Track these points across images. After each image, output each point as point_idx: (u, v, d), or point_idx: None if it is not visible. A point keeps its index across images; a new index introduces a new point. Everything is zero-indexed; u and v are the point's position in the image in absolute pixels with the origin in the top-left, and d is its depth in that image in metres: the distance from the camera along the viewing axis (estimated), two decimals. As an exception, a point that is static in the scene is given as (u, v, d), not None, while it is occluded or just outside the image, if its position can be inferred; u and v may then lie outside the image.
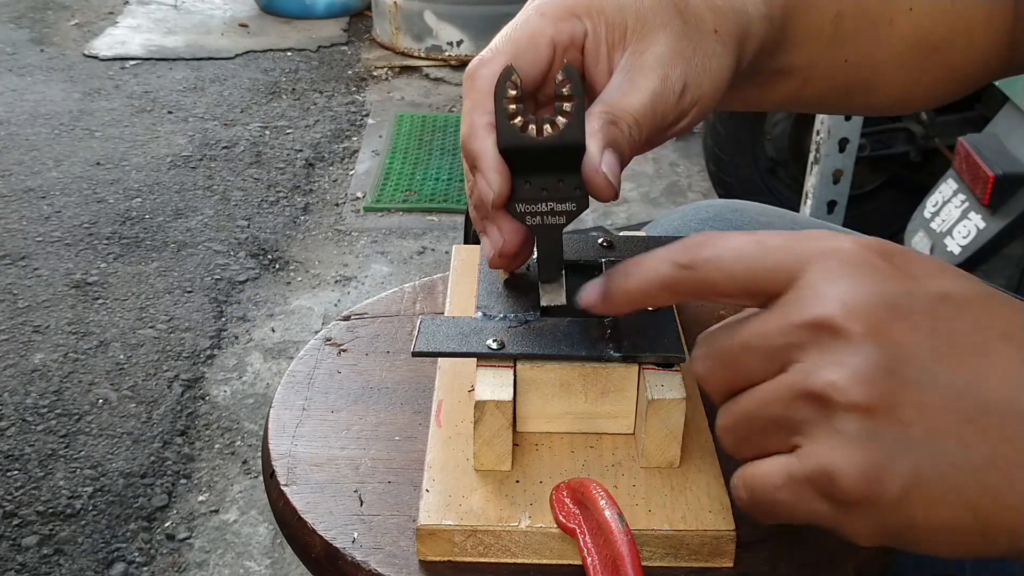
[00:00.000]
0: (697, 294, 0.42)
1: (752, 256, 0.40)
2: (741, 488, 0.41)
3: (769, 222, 0.78)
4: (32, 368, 1.96)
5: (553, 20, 0.51)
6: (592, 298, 0.46)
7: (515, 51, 0.50)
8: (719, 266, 0.41)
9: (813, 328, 0.38)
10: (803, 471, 0.38)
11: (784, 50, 0.58)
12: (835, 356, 0.37)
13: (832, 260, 0.39)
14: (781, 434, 0.39)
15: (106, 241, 2.42)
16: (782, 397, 0.38)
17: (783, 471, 0.39)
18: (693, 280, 0.42)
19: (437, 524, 0.45)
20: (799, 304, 0.38)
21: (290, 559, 1.56)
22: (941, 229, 1.73)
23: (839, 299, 0.38)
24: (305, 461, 0.51)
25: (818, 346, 0.38)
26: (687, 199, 2.73)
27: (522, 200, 0.49)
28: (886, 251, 0.39)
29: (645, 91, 0.50)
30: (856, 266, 0.38)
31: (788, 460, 0.39)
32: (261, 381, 1.98)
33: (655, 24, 0.51)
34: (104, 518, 1.63)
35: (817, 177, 2.10)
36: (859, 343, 0.37)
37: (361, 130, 3.09)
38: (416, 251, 2.45)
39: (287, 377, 0.57)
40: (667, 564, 0.45)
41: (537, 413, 0.50)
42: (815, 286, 0.38)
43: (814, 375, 0.37)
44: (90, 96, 3.26)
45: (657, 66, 0.50)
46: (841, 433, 0.37)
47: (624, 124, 0.49)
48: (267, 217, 2.57)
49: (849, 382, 0.37)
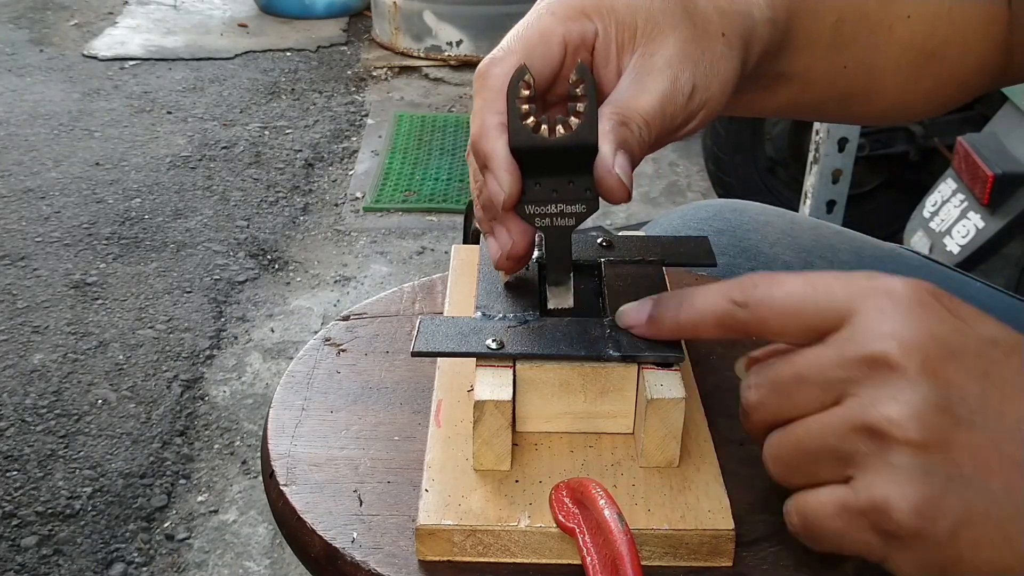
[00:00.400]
0: (747, 332, 0.44)
1: (803, 296, 0.42)
2: (794, 515, 0.42)
3: (768, 221, 0.78)
4: (31, 368, 1.96)
5: (564, 19, 0.51)
6: (635, 320, 0.48)
7: (527, 49, 0.50)
8: (771, 305, 0.42)
9: (869, 363, 0.39)
10: (857, 503, 0.39)
11: (786, 54, 0.58)
12: (891, 392, 0.38)
13: (885, 298, 0.40)
14: (834, 465, 0.40)
15: (105, 241, 2.42)
16: (837, 429, 0.40)
17: (837, 501, 0.40)
18: (745, 318, 0.43)
19: (436, 524, 0.45)
20: (854, 340, 0.40)
21: (289, 559, 1.56)
22: (940, 229, 1.73)
23: (894, 336, 0.39)
24: (304, 461, 0.51)
25: (874, 381, 0.39)
26: (686, 199, 2.73)
27: (532, 201, 0.49)
28: (936, 292, 0.41)
29: (655, 93, 0.50)
30: (909, 305, 0.40)
31: (843, 491, 0.40)
32: (260, 381, 1.97)
33: (664, 26, 0.51)
34: (103, 518, 1.63)
35: (816, 177, 2.10)
36: (915, 380, 0.38)
37: (360, 130, 3.09)
38: (415, 251, 2.45)
39: (286, 377, 0.57)
40: (666, 563, 0.45)
41: (536, 413, 0.50)
42: (870, 323, 0.40)
43: (871, 409, 0.38)
44: (89, 96, 3.26)
45: (666, 68, 0.50)
46: (896, 467, 0.38)
47: (634, 125, 0.49)
48: (266, 217, 2.57)
49: (906, 418, 0.38)
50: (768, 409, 0.43)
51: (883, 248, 0.80)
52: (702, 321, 0.45)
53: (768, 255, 0.75)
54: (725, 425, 0.52)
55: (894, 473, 0.38)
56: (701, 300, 0.45)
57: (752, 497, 0.48)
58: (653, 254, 0.58)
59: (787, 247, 0.76)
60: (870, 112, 0.69)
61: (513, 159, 0.47)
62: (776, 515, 0.44)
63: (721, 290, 0.44)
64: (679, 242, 0.60)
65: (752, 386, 0.44)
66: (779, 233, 0.77)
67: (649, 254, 0.57)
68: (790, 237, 0.77)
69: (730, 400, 0.54)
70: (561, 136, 0.47)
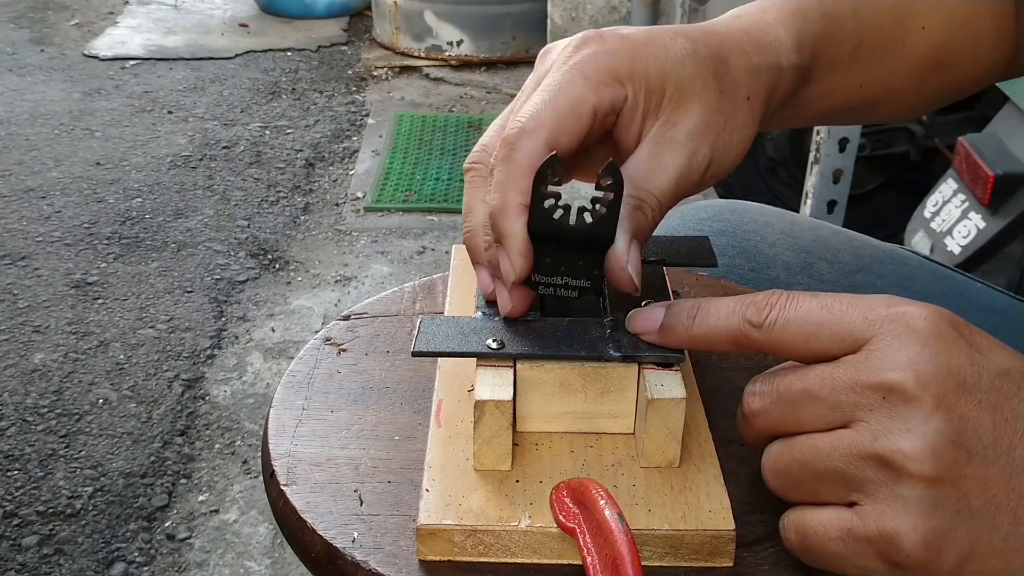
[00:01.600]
0: (760, 351, 0.44)
1: (820, 320, 0.42)
2: (791, 531, 0.42)
3: (768, 222, 0.78)
4: (32, 368, 1.96)
5: (597, 85, 0.49)
6: (646, 326, 0.48)
7: (557, 123, 0.48)
8: (786, 327, 0.42)
9: (883, 392, 0.39)
10: (865, 531, 0.39)
11: (806, 88, 0.58)
12: (905, 424, 0.39)
13: (903, 326, 0.40)
14: (839, 487, 0.40)
15: (106, 241, 2.42)
16: (846, 453, 0.40)
17: (842, 526, 0.40)
18: (759, 339, 0.43)
19: (437, 524, 0.45)
20: (869, 365, 0.40)
21: (290, 559, 1.56)
22: (941, 229, 1.73)
23: (911, 367, 0.39)
24: (305, 461, 0.51)
25: (887, 411, 0.39)
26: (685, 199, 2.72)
27: (539, 272, 0.49)
28: (955, 321, 0.41)
29: (672, 170, 0.50)
30: (927, 335, 0.40)
31: (849, 516, 0.40)
32: (261, 381, 1.98)
33: (691, 93, 0.50)
34: (104, 518, 1.63)
35: (817, 177, 2.10)
36: (929, 414, 0.38)
37: (361, 130, 3.09)
38: (416, 251, 2.45)
39: (287, 377, 0.57)
40: (667, 564, 0.45)
41: (537, 413, 0.50)
42: (887, 351, 0.40)
43: (883, 439, 0.39)
44: (90, 96, 3.26)
45: (687, 141, 0.50)
46: (906, 500, 0.38)
47: (648, 208, 0.49)
48: (267, 217, 2.57)
49: (919, 452, 0.38)
50: (770, 419, 0.43)
51: (883, 248, 0.80)
52: (716, 337, 0.45)
53: (768, 255, 0.75)
54: (725, 425, 0.52)
55: (904, 505, 0.38)
56: (715, 316, 0.45)
57: (752, 497, 0.48)
58: (653, 254, 0.58)
59: (787, 247, 0.76)
60: (876, 117, 0.69)
61: (529, 241, 0.48)
62: (777, 516, 0.44)
63: (736, 308, 0.44)
64: (679, 242, 0.60)
65: (756, 393, 0.44)
66: (779, 234, 0.77)
67: (649, 254, 0.57)
68: (790, 238, 0.77)
69: (730, 400, 0.54)
70: (581, 226, 0.47)
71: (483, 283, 0.51)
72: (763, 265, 0.74)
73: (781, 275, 0.74)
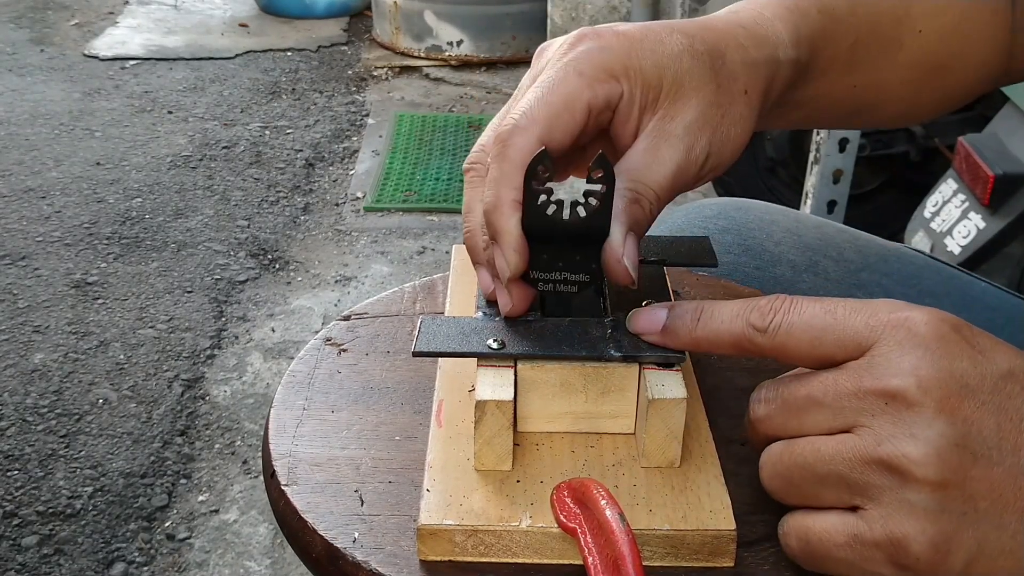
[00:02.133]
0: (764, 355, 0.44)
1: (823, 326, 0.42)
2: (793, 537, 0.43)
3: (773, 220, 0.78)
4: (32, 368, 1.96)
5: (591, 82, 0.49)
6: (649, 327, 0.48)
7: (550, 119, 0.48)
8: (790, 332, 0.43)
9: (886, 397, 0.39)
10: (872, 536, 0.39)
11: (803, 85, 0.58)
12: (909, 429, 0.39)
13: (905, 332, 0.40)
14: (841, 492, 0.41)
15: (106, 241, 2.42)
16: (849, 458, 0.40)
17: (848, 531, 0.40)
18: (763, 343, 0.43)
19: (438, 524, 0.45)
20: (872, 371, 0.40)
21: (290, 559, 1.56)
22: (941, 229, 1.73)
23: (913, 372, 0.39)
24: (305, 461, 0.51)
25: (890, 416, 0.39)
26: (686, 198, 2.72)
27: (537, 268, 0.49)
28: (957, 324, 0.41)
29: (669, 164, 0.50)
30: (929, 340, 0.40)
31: (854, 522, 0.40)
32: (261, 381, 1.98)
33: (689, 88, 0.50)
34: (104, 518, 1.63)
35: (817, 177, 2.10)
36: (932, 418, 0.39)
37: (361, 130, 3.09)
38: (416, 251, 2.45)
39: (287, 377, 0.57)
40: (668, 564, 0.45)
41: (538, 413, 0.50)
42: (890, 356, 0.40)
43: (887, 445, 0.39)
44: (90, 96, 3.26)
45: (685, 135, 0.50)
46: (912, 504, 0.39)
47: (646, 201, 0.49)
48: (267, 217, 2.57)
49: (925, 456, 0.38)
50: (774, 424, 0.43)
51: (888, 247, 0.80)
52: (719, 340, 0.45)
53: (773, 253, 0.75)
54: (726, 425, 0.52)
55: (911, 509, 0.39)
56: (719, 320, 0.45)
57: (753, 497, 0.48)
58: (653, 254, 0.58)
59: (792, 246, 0.76)
60: (874, 122, 0.69)
61: (524, 238, 0.47)
62: (778, 516, 0.44)
63: (740, 312, 0.44)
64: (679, 242, 0.60)
65: (761, 400, 0.44)
66: (784, 232, 0.77)
67: (649, 254, 0.57)
68: (795, 236, 0.77)
69: (730, 400, 0.54)
70: (575, 220, 0.47)
71: (484, 283, 0.51)
72: (768, 263, 0.74)
73: (786, 273, 0.74)
